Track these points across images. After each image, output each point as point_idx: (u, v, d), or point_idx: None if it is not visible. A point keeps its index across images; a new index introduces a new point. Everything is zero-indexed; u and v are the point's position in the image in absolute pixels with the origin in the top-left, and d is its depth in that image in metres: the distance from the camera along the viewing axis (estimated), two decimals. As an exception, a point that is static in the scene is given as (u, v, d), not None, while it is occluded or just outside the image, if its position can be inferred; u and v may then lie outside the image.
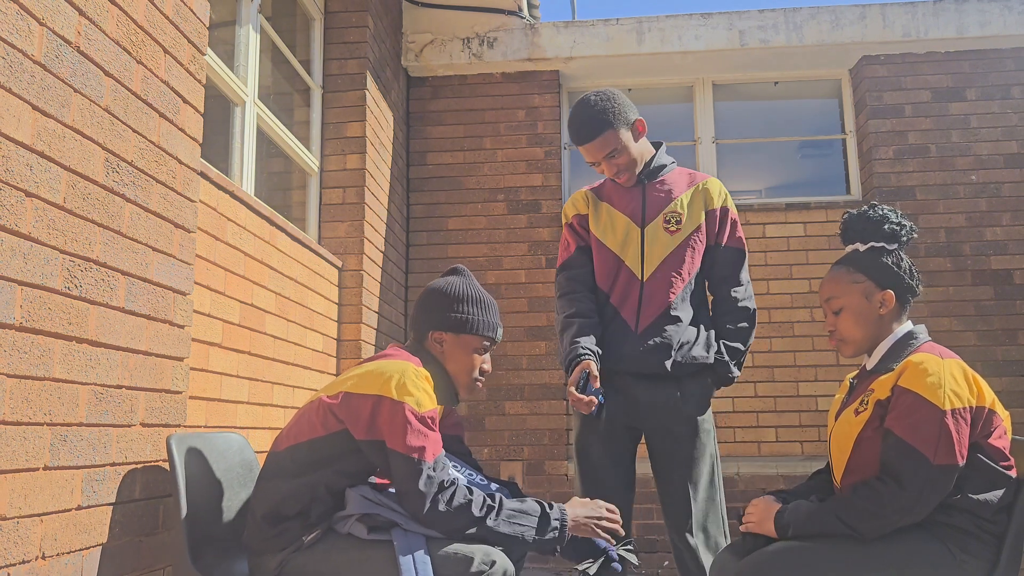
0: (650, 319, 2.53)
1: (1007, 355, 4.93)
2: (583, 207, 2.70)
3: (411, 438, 1.89)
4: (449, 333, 2.17)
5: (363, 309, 4.35)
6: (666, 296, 2.53)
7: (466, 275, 2.28)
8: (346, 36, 4.60)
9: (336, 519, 1.95)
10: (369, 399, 1.93)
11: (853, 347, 2.09)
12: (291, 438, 2.01)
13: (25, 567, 1.69)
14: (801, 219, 5.27)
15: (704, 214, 2.61)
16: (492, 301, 2.25)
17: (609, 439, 2.57)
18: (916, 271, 2.09)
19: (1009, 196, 5.10)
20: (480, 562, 1.82)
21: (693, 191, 2.63)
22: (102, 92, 1.99)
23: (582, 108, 2.54)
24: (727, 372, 2.56)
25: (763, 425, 5.11)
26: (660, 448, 2.58)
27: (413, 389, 1.94)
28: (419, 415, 1.92)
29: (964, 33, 5.18)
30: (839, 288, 2.08)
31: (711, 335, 2.58)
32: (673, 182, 2.64)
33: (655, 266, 2.56)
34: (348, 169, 4.47)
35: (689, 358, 2.51)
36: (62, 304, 1.82)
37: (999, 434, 1.91)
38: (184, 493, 2.03)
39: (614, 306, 2.57)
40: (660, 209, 2.59)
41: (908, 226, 2.07)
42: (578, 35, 5.39)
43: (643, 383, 2.53)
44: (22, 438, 1.69)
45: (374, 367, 2.00)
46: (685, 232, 2.58)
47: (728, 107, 5.68)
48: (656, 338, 2.51)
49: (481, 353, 2.20)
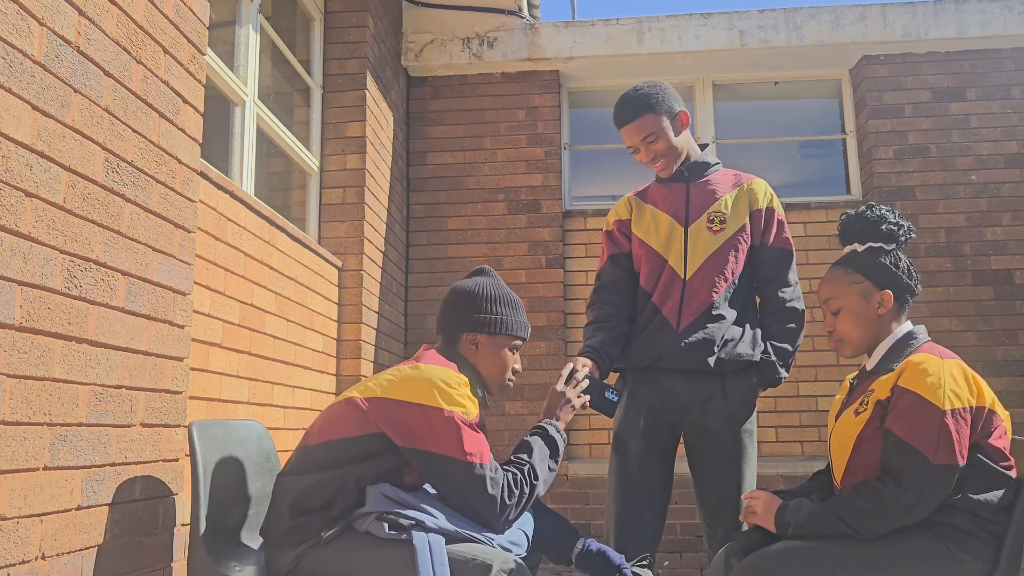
0: (692, 317, 2.49)
1: (1007, 355, 4.93)
2: (624, 212, 2.69)
3: (468, 445, 1.91)
4: (483, 335, 2.17)
5: (363, 309, 4.35)
6: (709, 295, 2.50)
7: (493, 275, 2.29)
8: (346, 36, 4.60)
9: (355, 516, 1.93)
10: (414, 407, 1.92)
11: (852, 347, 2.10)
12: (323, 434, 1.99)
13: (25, 567, 1.69)
14: (801, 219, 5.27)
15: (749, 214, 2.58)
16: (519, 300, 2.27)
17: (649, 436, 2.51)
18: (915, 271, 2.09)
19: (1009, 196, 5.10)
20: (498, 569, 1.81)
21: (738, 191, 2.60)
22: (102, 92, 1.99)
23: (627, 92, 2.56)
24: (774, 373, 2.49)
25: (763, 425, 5.10)
26: (698, 447, 2.52)
27: (460, 398, 1.95)
28: (468, 423, 1.94)
29: (964, 33, 5.18)
30: (837, 289, 2.08)
31: (757, 334, 2.53)
32: (718, 182, 2.61)
33: (698, 265, 2.52)
34: (348, 169, 4.47)
35: (734, 355, 2.46)
36: (62, 304, 1.82)
37: (999, 434, 1.91)
38: (203, 480, 2.03)
39: (655, 304, 2.54)
40: (704, 208, 2.56)
41: (906, 226, 2.07)
42: (578, 35, 5.39)
43: (685, 379, 2.48)
44: (22, 438, 1.69)
45: (410, 371, 1.99)
46: (729, 232, 2.54)
47: (728, 107, 5.68)
48: (698, 334, 2.47)
49: (513, 353, 2.21)
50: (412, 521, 1.87)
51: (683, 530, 4.80)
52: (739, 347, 2.47)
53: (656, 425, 2.51)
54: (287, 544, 1.92)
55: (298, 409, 3.68)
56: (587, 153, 5.69)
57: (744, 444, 2.49)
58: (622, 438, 2.56)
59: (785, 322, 2.55)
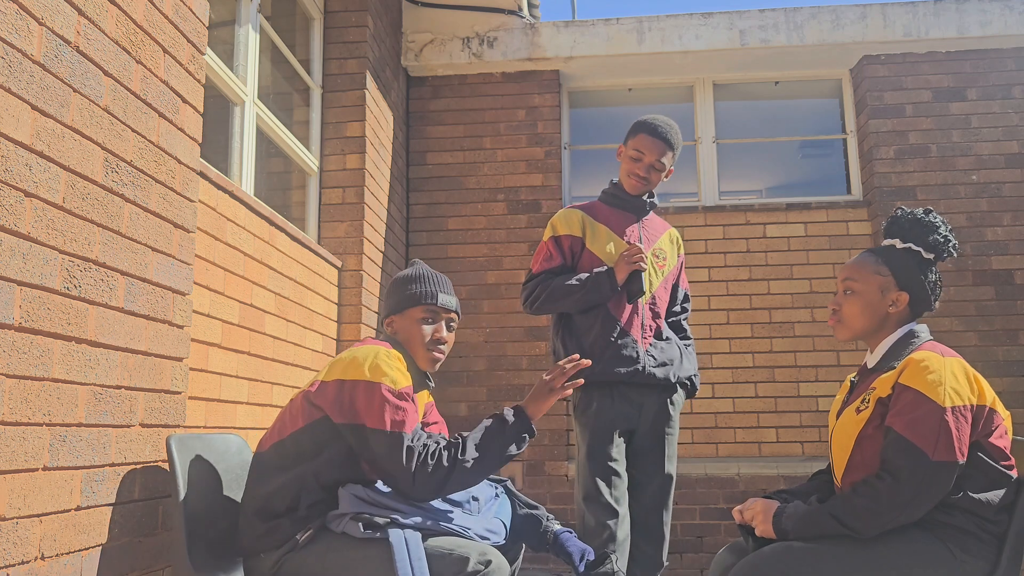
0: (650, 338, 2.86)
1: (1008, 355, 4.93)
2: (578, 230, 2.91)
3: (389, 413, 1.93)
4: (395, 315, 2.25)
5: (363, 309, 4.35)
6: (660, 318, 2.92)
7: (416, 263, 2.35)
8: (346, 36, 4.60)
9: (330, 518, 1.95)
10: (345, 383, 1.97)
11: (849, 332, 2.10)
12: (274, 435, 2.04)
13: (24, 568, 1.69)
14: (802, 219, 5.27)
15: (677, 258, 3.05)
16: (436, 275, 2.28)
17: (618, 445, 2.83)
18: (940, 289, 2.09)
19: (1010, 196, 5.10)
20: (476, 562, 1.82)
21: (668, 235, 3.04)
22: (101, 92, 1.98)
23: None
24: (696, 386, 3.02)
25: (764, 425, 5.11)
26: (648, 447, 2.90)
27: (387, 369, 1.98)
28: (396, 391, 1.96)
29: (965, 33, 5.18)
30: (860, 273, 2.09)
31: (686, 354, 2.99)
32: (655, 222, 3.03)
33: (655, 289, 2.90)
34: (348, 169, 4.46)
35: (683, 371, 2.91)
36: (61, 304, 1.82)
37: (1000, 433, 1.90)
38: (183, 494, 2.03)
39: (622, 324, 2.83)
40: (651, 244, 2.95)
41: (952, 244, 2.07)
42: (578, 35, 5.39)
43: (646, 392, 2.85)
44: (21, 438, 1.69)
45: (347, 354, 2.05)
46: (669, 267, 2.99)
47: (728, 107, 5.67)
48: (658, 354, 2.86)
49: (429, 323, 2.22)
50: (387, 519, 1.89)
51: (683, 530, 4.80)
52: (685, 365, 2.94)
53: (620, 434, 2.87)
54: (263, 549, 1.94)
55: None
56: (587, 153, 5.69)
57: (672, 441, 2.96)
58: (599, 444, 2.85)
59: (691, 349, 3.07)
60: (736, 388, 5.14)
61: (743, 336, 5.18)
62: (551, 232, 2.92)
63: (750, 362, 5.16)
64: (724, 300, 5.23)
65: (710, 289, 5.22)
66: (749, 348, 5.17)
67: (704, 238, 5.29)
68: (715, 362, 5.14)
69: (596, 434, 2.79)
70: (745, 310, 5.21)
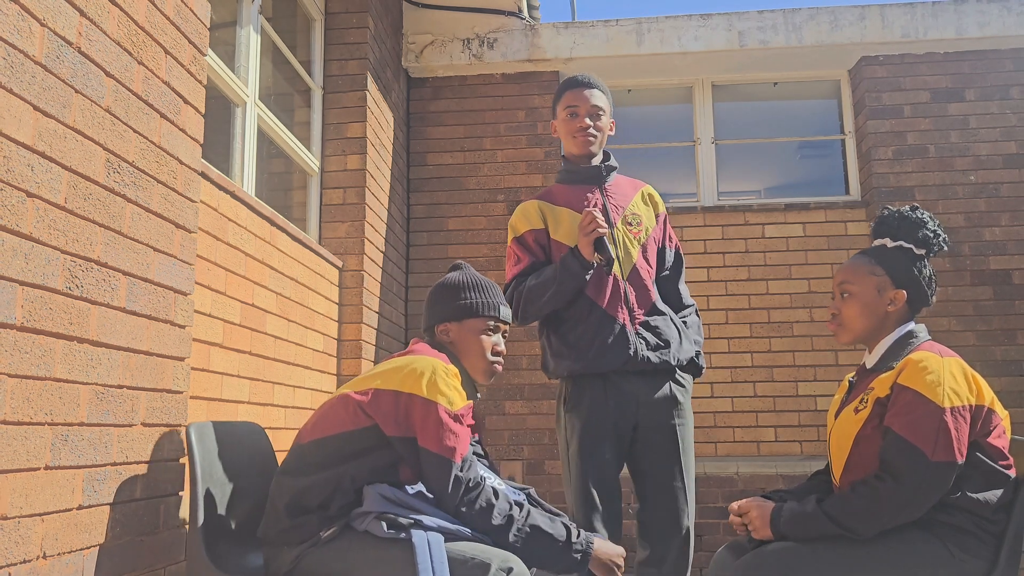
0: (641, 317, 2.57)
1: (1006, 355, 4.94)
2: (538, 221, 2.66)
3: (444, 438, 1.92)
4: (452, 323, 2.20)
5: (363, 309, 4.36)
6: (648, 292, 2.61)
7: (464, 267, 2.33)
8: (346, 37, 4.60)
9: (353, 516, 1.93)
10: (401, 396, 1.95)
11: (850, 335, 2.10)
12: (317, 432, 2.00)
13: (26, 567, 1.70)
14: (800, 219, 5.28)
15: (655, 217, 2.74)
16: (492, 284, 2.27)
17: (617, 441, 2.56)
18: (935, 283, 2.09)
19: (1008, 196, 5.11)
20: (497, 568, 1.81)
21: (641, 195, 2.75)
22: (103, 93, 1.99)
23: (585, 74, 2.74)
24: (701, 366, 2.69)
25: (762, 425, 5.12)
26: (656, 441, 2.57)
27: (444, 388, 1.96)
28: (451, 413, 1.95)
29: (963, 34, 5.19)
30: (855, 275, 2.09)
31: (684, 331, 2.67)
32: (621, 185, 2.75)
33: (632, 264, 2.61)
34: (348, 170, 4.47)
35: (683, 353, 2.60)
36: (63, 304, 1.83)
37: (998, 433, 1.91)
38: (201, 482, 2.03)
39: (603, 308, 2.54)
40: (620, 210, 2.67)
41: (942, 237, 2.07)
42: (578, 36, 5.40)
43: (642, 381, 2.55)
44: (23, 438, 1.70)
45: (403, 363, 2.01)
46: (646, 232, 2.68)
47: (727, 108, 5.68)
48: (651, 336, 2.56)
49: (490, 335, 2.21)
50: (411, 520, 1.88)
51: (683, 530, 4.80)
52: (684, 345, 2.62)
53: (619, 429, 2.57)
54: (286, 544, 1.93)
55: (299, 409, 3.69)
56: (587, 154, 5.69)
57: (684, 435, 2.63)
58: (590, 441, 2.61)
59: (692, 321, 2.74)
60: (735, 387, 5.15)
61: (742, 336, 5.19)
62: (512, 233, 2.69)
63: (749, 362, 5.17)
64: (723, 300, 5.24)
65: (709, 289, 5.23)
66: (748, 348, 5.18)
67: (703, 238, 5.30)
68: (714, 361, 5.15)
69: (588, 429, 2.52)
70: (744, 310, 5.22)
